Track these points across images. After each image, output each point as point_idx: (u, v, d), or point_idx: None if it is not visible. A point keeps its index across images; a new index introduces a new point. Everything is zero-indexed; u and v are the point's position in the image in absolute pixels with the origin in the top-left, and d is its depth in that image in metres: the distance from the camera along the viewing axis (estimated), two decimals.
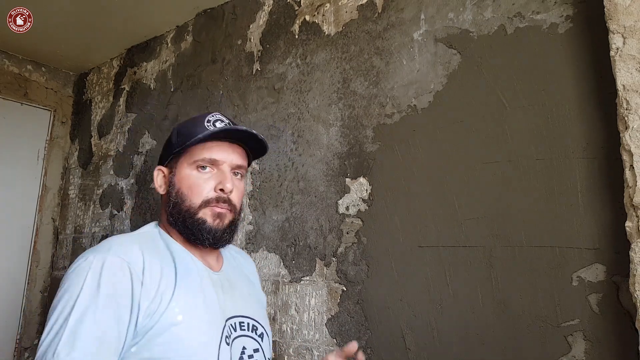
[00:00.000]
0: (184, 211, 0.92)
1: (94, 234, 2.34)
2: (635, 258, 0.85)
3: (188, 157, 0.94)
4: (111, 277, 0.79)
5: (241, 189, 0.99)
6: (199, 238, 0.92)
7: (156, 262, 0.86)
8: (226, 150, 0.95)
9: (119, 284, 0.79)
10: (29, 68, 2.61)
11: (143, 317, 0.79)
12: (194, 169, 0.94)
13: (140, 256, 0.84)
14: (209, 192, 0.92)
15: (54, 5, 2.01)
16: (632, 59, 0.90)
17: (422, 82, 1.29)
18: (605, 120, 0.99)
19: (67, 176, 2.68)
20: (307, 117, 1.56)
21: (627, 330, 0.91)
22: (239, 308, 0.97)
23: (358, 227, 1.35)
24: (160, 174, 0.99)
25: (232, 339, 0.91)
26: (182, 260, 0.92)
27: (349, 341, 1.30)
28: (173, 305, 0.82)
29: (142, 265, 0.83)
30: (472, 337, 1.10)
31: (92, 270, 0.78)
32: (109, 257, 0.81)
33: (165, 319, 0.81)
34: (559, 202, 1.03)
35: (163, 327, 0.80)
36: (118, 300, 0.78)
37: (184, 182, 0.93)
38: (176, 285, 0.85)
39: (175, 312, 0.82)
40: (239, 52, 1.85)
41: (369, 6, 1.46)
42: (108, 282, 0.78)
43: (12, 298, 2.45)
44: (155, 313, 0.80)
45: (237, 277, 1.05)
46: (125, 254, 0.82)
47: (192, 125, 0.96)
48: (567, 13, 1.08)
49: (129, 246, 0.85)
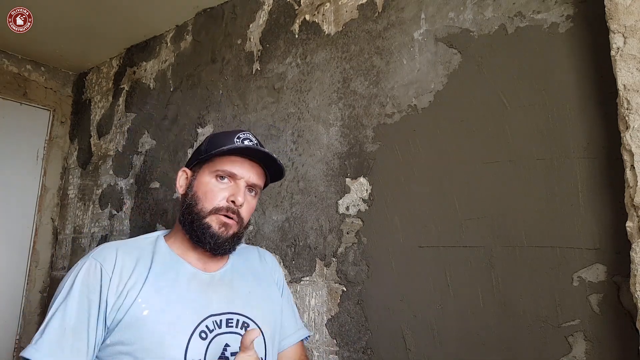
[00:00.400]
0: (195, 213, 0.99)
1: (93, 234, 2.34)
2: (636, 258, 0.85)
3: (211, 166, 1.02)
4: (85, 277, 0.90)
5: (252, 206, 1.06)
6: (201, 241, 0.99)
7: (130, 261, 0.94)
8: (246, 167, 1.02)
9: (90, 282, 0.89)
10: (28, 68, 2.61)
11: (110, 312, 0.88)
12: (213, 177, 1.01)
13: (113, 257, 0.93)
14: (220, 201, 0.99)
15: (53, 5, 2.01)
16: (633, 58, 0.89)
17: (423, 81, 1.29)
18: (606, 120, 0.99)
19: (67, 176, 2.68)
20: (307, 117, 1.56)
21: (627, 330, 0.91)
22: (230, 306, 0.99)
23: (358, 227, 1.35)
24: (184, 175, 1.07)
25: (214, 335, 0.93)
26: (161, 260, 0.98)
27: (349, 341, 1.30)
28: (139, 301, 0.89)
29: (114, 265, 0.92)
30: (472, 337, 1.10)
31: (73, 273, 0.92)
32: (88, 261, 0.93)
33: (132, 312, 0.88)
34: (559, 202, 1.03)
35: (129, 321, 0.87)
36: (89, 296, 0.88)
37: (201, 187, 1.01)
38: (145, 282, 0.92)
39: (142, 308, 0.89)
40: (238, 51, 1.85)
41: (369, 5, 1.46)
42: (82, 281, 0.90)
43: (12, 298, 2.44)
44: (122, 307, 0.88)
45: (238, 276, 1.07)
46: (101, 256, 0.93)
47: (222, 138, 1.04)
48: (568, 12, 1.07)
49: (108, 249, 0.95)
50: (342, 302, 1.33)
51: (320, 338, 1.36)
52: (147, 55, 2.32)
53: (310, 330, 1.38)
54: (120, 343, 0.87)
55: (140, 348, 0.86)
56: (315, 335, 1.38)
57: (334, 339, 1.33)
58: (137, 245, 1.00)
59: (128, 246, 0.98)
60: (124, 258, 0.94)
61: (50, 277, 2.57)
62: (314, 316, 1.39)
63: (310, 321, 1.40)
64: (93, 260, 0.92)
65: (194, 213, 0.99)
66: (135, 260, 0.95)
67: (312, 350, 1.37)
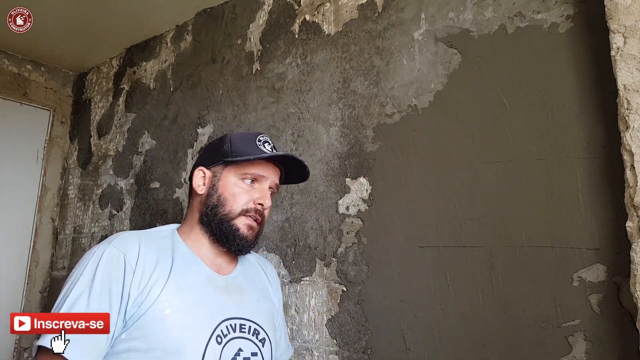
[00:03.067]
0: (222, 214, 0.99)
1: (94, 234, 2.34)
2: (636, 258, 0.85)
3: (237, 168, 1.02)
4: (107, 265, 0.86)
5: (271, 206, 1.07)
6: (228, 242, 0.99)
7: (152, 256, 0.91)
8: (270, 170, 1.04)
9: (113, 273, 0.85)
10: (28, 68, 2.61)
11: (132, 306, 0.85)
12: (240, 179, 1.01)
13: (136, 249, 0.90)
14: (247, 203, 1.00)
15: (53, 5, 2.01)
16: (633, 58, 0.89)
17: (423, 81, 1.29)
18: (606, 120, 0.99)
19: (67, 176, 2.68)
20: (307, 117, 1.56)
21: (627, 330, 0.91)
22: (242, 311, 0.99)
23: (358, 227, 1.35)
24: (201, 174, 1.05)
25: (228, 339, 0.93)
26: (182, 259, 0.96)
27: (349, 341, 1.30)
28: (162, 298, 0.87)
29: (137, 257, 0.88)
30: (472, 337, 1.10)
31: (93, 259, 0.87)
32: (109, 248, 0.88)
33: (153, 310, 0.85)
34: (559, 202, 1.03)
35: (150, 318, 0.85)
36: (111, 287, 0.84)
37: (227, 189, 1.00)
38: (168, 280, 0.90)
39: (164, 306, 0.86)
40: (238, 51, 1.85)
41: (369, 6, 1.46)
42: (104, 270, 0.85)
43: (12, 298, 2.44)
44: (144, 303, 0.85)
45: (247, 282, 1.07)
46: (123, 246, 0.89)
47: (245, 140, 1.04)
48: (568, 12, 1.08)
49: (129, 239, 0.92)
50: (342, 302, 1.33)
51: (320, 338, 1.36)
52: (147, 55, 2.32)
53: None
54: (136, 339, 0.84)
55: (158, 348, 0.83)
56: (315, 335, 1.38)
57: (334, 339, 1.33)
58: (156, 239, 0.97)
59: (149, 239, 0.95)
60: (146, 251, 0.91)
61: (51, 277, 2.56)
62: (314, 316, 1.39)
63: (310, 321, 1.40)
64: (115, 250, 0.88)
65: (220, 214, 0.99)
66: (156, 255, 0.92)
67: (312, 350, 1.37)
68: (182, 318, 0.87)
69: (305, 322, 1.41)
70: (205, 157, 1.08)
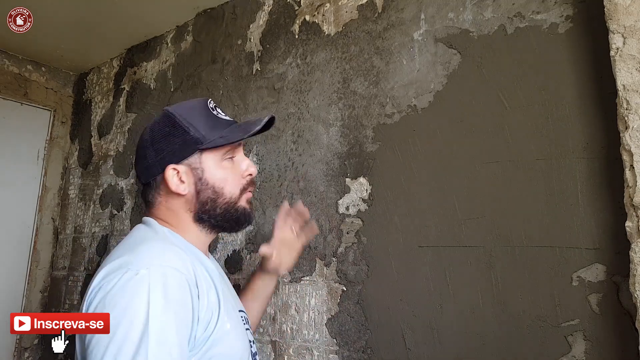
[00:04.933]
0: (224, 204, 0.91)
1: (94, 234, 2.34)
2: (635, 258, 0.85)
3: (217, 151, 0.90)
4: (175, 292, 0.73)
5: None
6: (237, 226, 0.94)
7: (199, 270, 0.83)
8: None
9: (183, 299, 0.74)
10: (28, 68, 2.61)
11: (201, 330, 0.77)
12: (224, 160, 0.91)
13: (191, 268, 0.79)
14: (240, 180, 0.93)
15: (54, 5, 2.01)
16: (632, 58, 0.90)
17: (422, 82, 1.29)
18: (606, 120, 0.99)
19: (67, 176, 2.68)
20: (307, 117, 1.56)
21: (627, 330, 0.91)
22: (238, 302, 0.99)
23: (358, 227, 1.35)
24: (174, 173, 0.90)
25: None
26: (208, 266, 0.89)
27: (349, 341, 1.30)
28: (222, 314, 0.81)
29: (195, 277, 0.79)
30: (472, 337, 1.10)
31: (153, 285, 0.70)
32: (167, 270, 0.74)
33: (219, 329, 0.79)
34: (559, 202, 1.03)
35: (218, 338, 0.79)
36: (184, 315, 0.73)
37: (216, 176, 0.90)
38: (218, 294, 0.84)
39: (225, 321, 0.82)
40: (239, 52, 1.85)
41: (369, 6, 1.46)
42: (175, 297, 0.72)
43: (12, 298, 2.44)
44: (209, 325, 0.78)
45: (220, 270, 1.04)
46: (180, 266, 0.77)
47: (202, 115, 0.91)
48: (567, 13, 1.08)
49: (179, 256, 0.80)
50: (342, 302, 1.34)
51: (320, 338, 1.37)
52: (148, 56, 2.32)
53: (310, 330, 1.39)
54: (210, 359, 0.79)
55: None
56: (315, 334, 1.38)
57: (334, 338, 1.33)
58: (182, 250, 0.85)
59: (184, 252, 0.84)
60: (194, 268, 0.81)
61: (51, 277, 2.57)
62: (314, 315, 1.40)
63: (310, 321, 1.40)
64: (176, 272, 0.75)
65: (223, 204, 0.90)
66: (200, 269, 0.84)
67: (312, 350, 1.38)
68: (236, 328, 0.85)
69: (305, 322, 1.41)
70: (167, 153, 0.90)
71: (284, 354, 1.44)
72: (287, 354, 1.43)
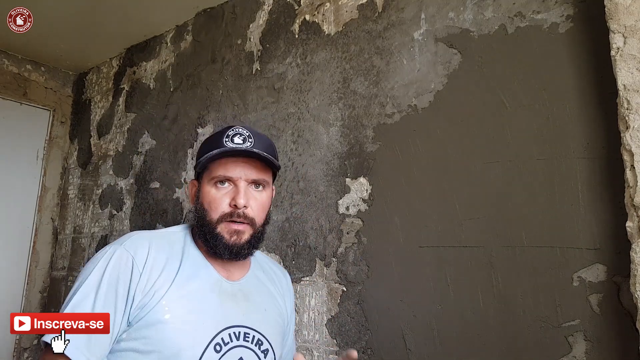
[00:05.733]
0: (206, 225, 0.97)
1: (94, 234, 2.34)
2: (636, 258, 0.85)
3: (208, 174, 0.99)
4: (115, 267, 0.87)
5: (262, 202, 1.00)
6: (218, 250, 0.96)
7: (161, 260, 0.91)
8: (240, 166, 0.97)
9: (121, 275, 0.86)
10: (28, 68, 2.61)
11: (135, 308, 0.85)
12: (212, 185, 0.98)
13: (146, 250, 0.90)
14: (224, 207, 0.96)
15: (53, 5, 2.01)
16: (633, 58, 0.89)
17: (423, 81, 1.29)
18: (606, 120, 0.99)
19: (67, 176, 2.68)
20: (307, 117, 1.56)
21: (627, 330, 0.91)
22: (247, 319, 0.97)
23: (358, 227, 1.35)
24: (193, 188, 1.05)
25: (229, 347, 0.91)
26: (191, 264, 0.95)
27: (349, 341, 1.30)
28: (163, 303, 0.87)
29: (145, 260, 0.89)
30: (472, 337, 1.10)
31: (103, 259, 0.88)
32: (119, 250, 0.89)
33: (154, 314, 0.85)
34: (559, 202, 1.03)
35: (150, 321, 0.85)
36: (117, 288, 0.85)
37: (205, 198, 0.98)
38: (172, 285, 0.89)
39: (164, 310, 0.86)
40: (238, 51, 1.85)
41: (369, 6, 1.46)
42: (112, 271, 0.86)
43: (12, 298, 2.44)
44: (146, 306, 0.86)
45: (257, 290, 1.04)
46: (133, 248, 0.90)
47: (212, 141, 1.00)
48: (568, 13, 1.08)
49: (141, 241, 0.92)
50: (342, 302, 1.33)
51: (320, 338, 1.36)
52: (147, 55, 2.32)
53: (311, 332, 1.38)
54: (135, 340, 0.85)
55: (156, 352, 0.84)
56: (315, 335, 1.38)
57: (334, 339, 1.33)
58: (168, 241, 0.97)
59: (160, 241, 0.95)
60: (155, 255, 0.91)
61: (50, 277, 2.56)
62: (314, 316, 1.39)
63: (310, 321, 1.40)
64: (125, 251, 0.89)
65: (204, 225, 0.97)
66: (165, 259, 0.92)
67: (312, 350, 1.37)
68: (180, 324, 0.87)
69: (305, 322, 1.41)
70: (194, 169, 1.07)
71: None
72: None
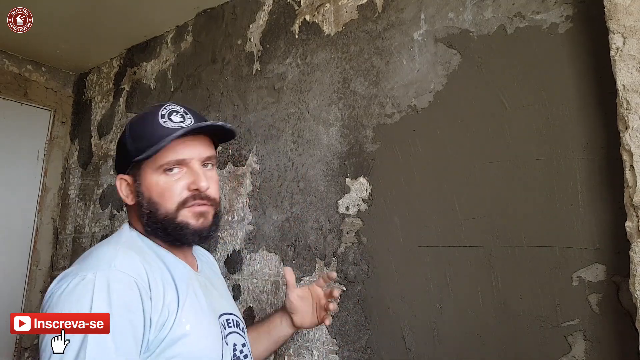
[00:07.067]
0: (162, 219, 0.87)
1: (94, 234, 2.34)
2: (636, 258, 0.85)
3: (152, 163, 0.87)
4: (121, 296, 0.74)
5: (215, 179, 0.94)
6: (184, 241, 0.89)
7: (157, 273, 0.83)
8: (191, 145, 0.89)
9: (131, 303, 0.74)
10: (28, 68, 2.61)
11: (154, 331, 0.77)
12: (160, 173, 0.87)
13: (142, 269, 0.80)
14: (181, 192, 0.87)
15: (54, 5, 2.01)
16: (632, 58, 0.90)
17: (422, 82, 1.29)
18: (606, 120, 0.99)
19: (67, 176, 2.68)
20: (307, 117, 1.56)
21: (627, 330, 0.91)
22: (222, 306, 0.98)
23: (358, 227, 1.35)
24: (124, 183, 0.92)
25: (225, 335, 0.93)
26: (175, 268, 0.89)
27: (349, 341, 1.30)
28: (180, 315, 0.81)
29: (147, 278, 0.79)
30: (472, 337, 1.10)
31: (97, 290, 0.72)
32: (113, 274, 0.75)
33: (175, 331, 0.79)
34: (559, 201, 1.03)
35: (174, 340, 0.79)
36: (131, 319, 0.74)
37: (153, 190, 0.87)
38: (179, 295, 0.84)
39: (183, 322, 0.81)
40: (239, 52, 1.85)
41: (369, 6, 1.46)
42: (119, 301, 0.73)
43: (12, 298, 2.44)
44: (165, 326, 0.78)
45: (212, 275, 1.06)
46: (129, 269, 0.78)
47: (145, 126, 0.88)
48: (567, 13, 1.08)
49: (130, 259, 0.81)
50: (342, 302, 1.34)
51: (320, 338, 1.37)
52: (148, 56, 2.32)
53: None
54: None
55: None
56: (315, 335, 1.38)
57: (334, 338, 1.33)
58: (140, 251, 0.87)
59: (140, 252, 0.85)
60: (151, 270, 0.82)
61: (51, 277, 2.57)
62: None
63: None
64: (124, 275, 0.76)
65: (160, 219, 0.87)
66: (159, 271, 0.84)
67: (312, 350, 1.38)
68: (200, 329, 0.84)
69: None
70: (118, 163, 0.94)
71: (284, 354, 1.44)
72: (287, 354, 1.43)
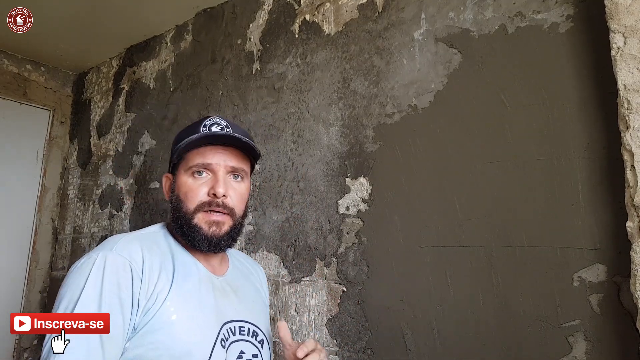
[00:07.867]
0: (182, 217, 0.94)
1: (93, 234, 2.34)
2: (636, 258, 0.85)
3: (184, 164, 0.97)
4: (114, 274, 0.81)
5: (241, 192, 0.99)
6: (196, 244, 0.94)
7: (155, 261, 0.88)
8: (219, 154, 0.96)
9: (122, 281, 0.81)
10: (28, 68, 2.61)
11: (140, 315, 0.82)
12: (189, 175, 0.96)
13: (140, 254, 0.86)
14: (202, 196, 0.94)
15: (53, 5, 2.01)
16: (633, 58, 0.89)
17: (423, 81, 1.29)
18: (606, 120, 0.99)
19: (66, 176, 2.68)
20: (307, 117, 1.56)
21: (628, 330, 0.91)
22: (240, 313, 0.97)
23: (358, 227, 1.35)
24: (167, 181, 1.04)
25: (230, 342, 0.92)
26: (182, 262, 0.93)
27: (349, 341, 1.30)
28: (168, 304, 0.84)
29: (142, 263, 0.85)
30: (472, 337, 1.10)
31: (95, 268, 0.81)
32: (111, 255, 0.83)
33: (160, 317, 0.83)
34: (559, 202, 1.03)
35: (157, 325, 0.82)
36: (121, 296, 0.80)
37: (181, 189, 0.96)
38: (172, 285, 0.87)
39: (170, 312, 0.84)
40: (238, 51, 1.85)
41: (369, 5, 1.46)
42: (111, 279, 0.80)
43: (12, 298, 2.44)
44: (150, 311, 0.82)
45: (241, 282, 1.06)
46: (126, 252, 0.85)
47: (188, 132, 0.97)
48: (568, 12, 1.07)
49: (130, 244, 0.87)
50: (342, 302, 1.33)
51: (320, 338, 1.36)
52: (147, 55, 2.32)
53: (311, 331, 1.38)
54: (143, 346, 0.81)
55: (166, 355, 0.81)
56: (316, 335, 1.38)
57: (334, 339, 1.33)
58: (154, 242, 0.93)
59: (147, 242, 0.91)
60: (149, 257, 0.87)
61: (50, 277, 2.56)
62: (314, 316, 1.39)
63: (310, 321, 1.40)
64: (118, 256, 0.83)
65: (181, 217, 0.94)
66: (159, 260, 0.89)
67: None
68: (188, 323, 0.86)
69: (305, 323, 1.40)
70: (168, 163, 1.06)
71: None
72: None
